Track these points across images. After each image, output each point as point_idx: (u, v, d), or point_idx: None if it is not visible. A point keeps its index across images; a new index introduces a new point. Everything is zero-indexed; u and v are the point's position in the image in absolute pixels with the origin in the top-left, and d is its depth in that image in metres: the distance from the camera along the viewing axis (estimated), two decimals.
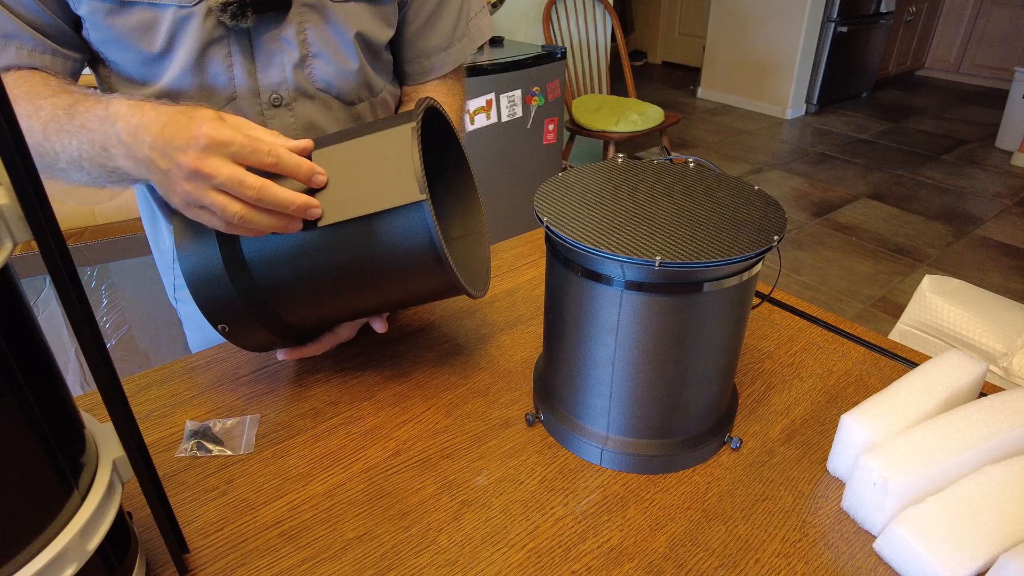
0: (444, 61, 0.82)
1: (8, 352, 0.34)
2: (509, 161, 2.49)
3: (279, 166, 0.53)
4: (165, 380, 0.70)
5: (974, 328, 1.31)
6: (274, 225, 0.54)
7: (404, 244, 0.56)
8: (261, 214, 0.53)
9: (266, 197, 0.52)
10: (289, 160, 0.53)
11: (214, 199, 0.52)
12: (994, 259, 2.82)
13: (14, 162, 0.31)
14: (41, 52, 0.62)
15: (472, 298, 0.64)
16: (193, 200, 0.52)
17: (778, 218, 0.54)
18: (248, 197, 0.52)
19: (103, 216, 1.47)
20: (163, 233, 0.87)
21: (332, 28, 0.70)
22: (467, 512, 0.54)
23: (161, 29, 0.63)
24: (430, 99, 0.60)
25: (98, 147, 0.56)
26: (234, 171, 0.51)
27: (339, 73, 0.73)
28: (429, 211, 0.54)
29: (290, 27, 0.68)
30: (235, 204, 0.52)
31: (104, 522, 0.40)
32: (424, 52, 0.81)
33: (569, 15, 3.09)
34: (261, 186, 0.52)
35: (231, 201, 0.52)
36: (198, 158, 0.51)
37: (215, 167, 0.51)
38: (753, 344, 0.77)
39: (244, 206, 0.52)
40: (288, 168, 0.53)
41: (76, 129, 0.56)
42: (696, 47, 5.66)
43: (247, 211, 0.52)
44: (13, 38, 0.61)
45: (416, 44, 0.80)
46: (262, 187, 0.52)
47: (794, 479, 0.58)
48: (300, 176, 0.54)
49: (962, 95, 5.33)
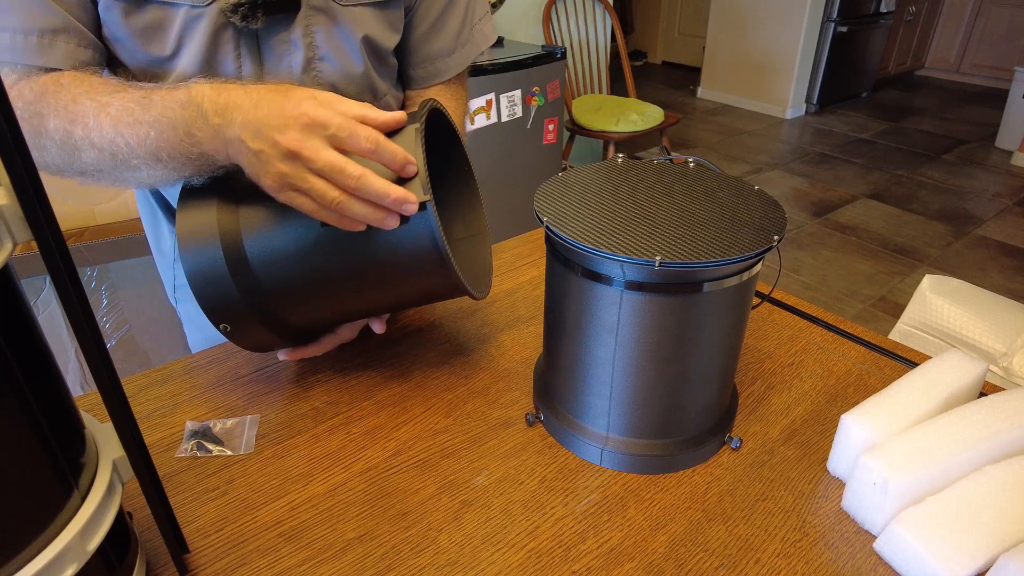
0: (448, 66, 0.82)
1: (8, 352, 0.34)
2: (509, 161, 2.49)
3: (376, 153, 0.52)
4: (165, 380, 0.70)
5: (974, 328, 1.31)
6: (370, 216, 0.53)
7: (407, 245, 0.56)
8: (358, 203, 0.52)
9: (365, 187, 0.51)
10: (387, 149, 0.52)
11: (313, 183, 0.51)
12: (994, 259, 2.82)
13: (14, 162, 0.31)
14: (85, 46, 0.61)
15: (474, 299, 0.64)
16: (289, 182, 0.52)
17: (778, 218, 0.54)
18: (347, 186, 0.51)
19: (103, 216, 1.47)
20: (164, 233, 0.87)
21: (339, 31, 0.70)
22: (467, 512, 0.54)
23: (172, 28, 0.63)
24: (433, 101, 0.60)
25: (181, 133, 0.54)
26: (334, 157, 0.50)
27: (344, 76, 0.73)
28: (433, 212, 0.54)
29: (298, 29, 0.68)
30: (333, 190, 0.51)
31: (104, 522, 0.40)
32: (429, 57, 0.81)
33: (569, 15, 3.09)
34: (361, 175, 0.51)
35: (329, 187, 0.51)
36: (297, 139, 0.50)
37: (314, 150, 0.50)
38: (753, 344, 0.77)
39: (341, 193, 0.51)
40: (385, 156, 0.52)
41: (153, 120, 0.55)
42: (696, 47, 5.66)
43: (344, 198, 0.51)
44: (60, 32, 0.60)
45: (421, 49, 0.80)
46: (361, 176, 0.51)
47: (794, 479, 0.58)
48: (395, 165, 0.53)
49: (962, 95, 5.33)
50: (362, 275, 0.58)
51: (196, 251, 0.57)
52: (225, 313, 0.59)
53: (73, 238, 1.42)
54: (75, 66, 0.61)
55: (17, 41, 0.58)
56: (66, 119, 0.57)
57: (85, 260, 1.45)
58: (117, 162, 0.57)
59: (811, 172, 3.77)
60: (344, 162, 0.51)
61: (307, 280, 0.58)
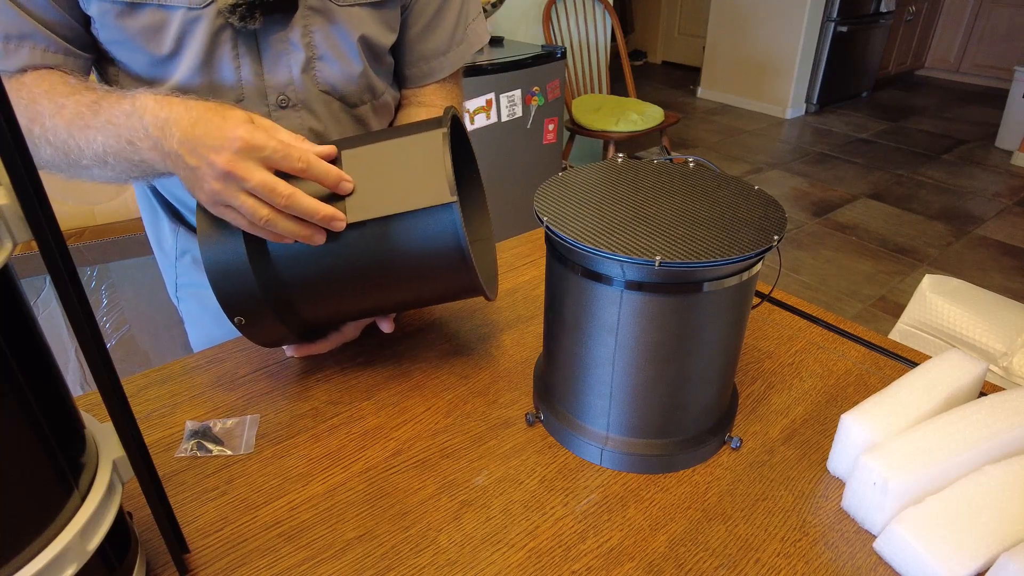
0: (443, 65, 0.83)
1: (8, 352, 0.34)
2: (509, 161, 2.49)
3: (308, 172, 0.54)
4: (165, 380, 0.70)
5: (974, 328, 1.31)
6: (298, 233, 0.56)
7: (431, 244, 0.57)
8: (287, 220, 0.55)
9: (294, 205, 0.53)
10: (319, 167, 0.55)
11: (243, 201, 0.53)
12: (994, 259, 2.82)
13: (14, 162, 0.31)
14: (54, 52, 0.63)
15: (487, 299, 0.66)
16: (221, 200, 0.54)
17: (778, 218, 0.54)
18: (277, 204, 0.53)
19: (103, 216, 1.47)
20: (164, 232, 0.87)
21: (336, 31, 0.71)
22: (467, 512, 0.54)
23: (170, 31, 0.64)
24: (453, 108, 0.62)
25: (124, 141, 0.56)
26: (266, 177, 0.53)
27: (343, 75, 0.73)
28: (458, 213, 0.55)
29: (296, 29, 0.68)
30: (263, 208, 0.53)
31: (104, 522, 0.40)
32: (424, 56, 0.81)
33: (569, 15, 3.09)
34: (290, 194, 0.53)
35: (259, 205, 0.53)
36: (231, 160, 0.52)
37: (247, 171, 0.52)
38: (753, 344, 0.77)
39: (271, 211, 0.54)
40: (317, 175, 0.55)
41: (101, 125, 0.57)
42: (696, 47, 5.66)
43: (274, 216, 0.54)
44: (27, 38, 0.61)
45: (416, 48, 0.81)
46: (291, 195, 0.53)
47: (794, 479, 0.58)
48: (328, 183, 0.56)
49: (962, 95, 5.33)
50: (383, 274, 0.59)
51: (217, 243, 0.58)
52: (242, 306, 0.60)
53: (73, 238, 1.42)
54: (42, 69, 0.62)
55: None
56: (27, 117, 0.59)
57: (85, 260, 1.45)
58: (70, 161, 0.60)
59: (811, 172, 3.77)
60: (275, 182, 0.53)
61: (327, 276, 0.59)
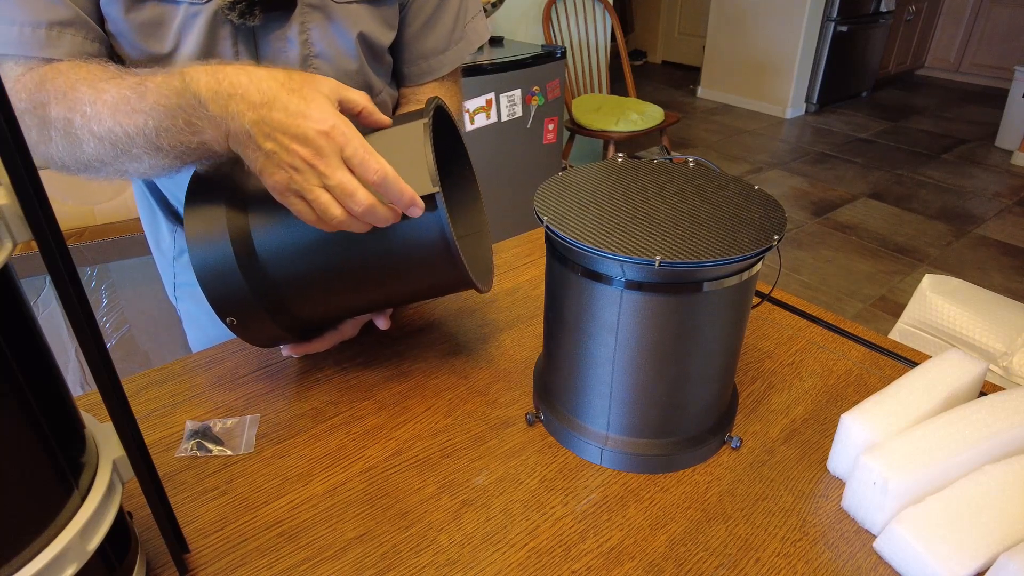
0: (442, 63, 0.83)
1: (8, 352, 0.34)
2: (509, 161, 2.49)
3: (382, 187, 0.52)
4: (165, 380, 0.70)
5: (974, 327, 1.31)
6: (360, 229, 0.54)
7: (416, 237, 0.57)
8: (356, 223, 0.53)
9: (368, 216, 0.52)
10: (395, 185, 0.52)
11: (318, 196, 0.51)
12: (994, 258, 2.82)
13: (14, 162, 0.31)
14: (93, 40, 0.62)
15: (479, 292, 0.65)
16: (296, 189, 0.51)
17: (778, 217, 0.54)
18: (352, 211, 0.51)
19: (103, 216, 1.47)
20: (163, 232, 0.87)
21: (335, 28, 0.71)
22: (467, 512, 0.54)
23: (171, 25, 0.64)
24: (439, 99, 0.61)
25: (181, 123, 0.52)
26: (347, 180, 0.50)
27: (340, 73, 0.73)
28: (442, 203, 0.55)
29: (294, 26, 0.68)
30: (337, 208, 0.51)
31: (104, 522, 0.40)
32: (422, 54, 0.81)
33: (569, 15, 3.09)
34: (370, 205, 0.51)
35: (334, 204, 0.51)
36: (315, 152, 0.49)
37: (330, 167, 0.50)
38: (753, 344, 0.77)
39: (344, 213, 0.52)
40: (391, 194, 0.52)
41: (150, 108, 0.53)
42: (696, 47, 5.66)
43: (347, 220, 0.52)
44: (69, 25, 0.60)
45: (414, 46, 0.81)
46: (370, 207, 0.51)
47: (794, 479, 0.58)
48: (401, 205, 0.53)
49: (962, 94, 5.33)
50: (371, 269, 0.59)
51: (205, 244, 0.57)
52: (232, 306, 0.59)
53: (73, 238, 1.42)
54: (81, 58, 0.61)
55: (25, 34, 0.58)
56: (65, 107, 0.55)
57: (85, 260, 1.45)
58: (118, 152, 0.56)
59: (811, 172, 3.77)
60: (355, 187, 0.51)
61: (315, 274, 0.59)
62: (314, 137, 0.49)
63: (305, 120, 0.49)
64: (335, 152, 0.50)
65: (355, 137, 0.51)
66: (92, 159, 0.57)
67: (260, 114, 0.50)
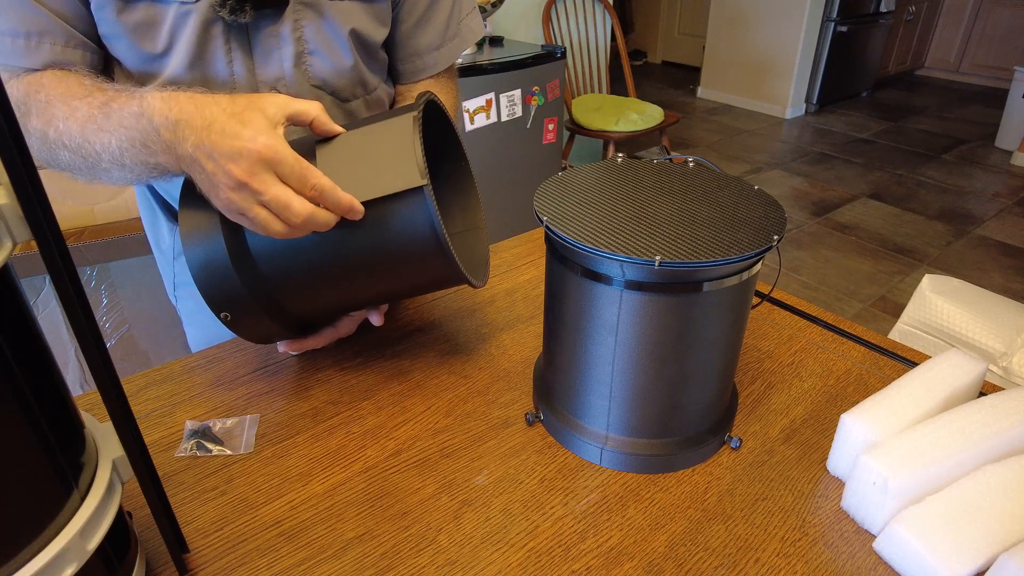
0: (436, 60, 0.83)
1: (8, 352, 0.34)
2: (509, 161, 2.49)
3: (320, 200, 0.53)
4: (165, 380, 0.70)
5: (974, 327, 1.31)
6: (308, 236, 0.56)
7: (406, 230, 0.57)
8: (301, 233, 0.55)
9: (309, 225, 0.53)
10: (332, 196, 0.53)
11: (258, 213, 0.52)
12: (994, 259, 2.82)
13: (14, 162, 0.31)
14: (73, 47, 0.62)
15: (473, 287, 0.64)
16: (236, 209, 0.53)
17: (778, 218, 0.54)
18: (292, 223, 0.53)
19: (103, 216, 1.47)
20: (163, 232, 0.87)
21: (327, 25, 0.71)
22: (467, 512, 0.54)
23: (163, 26, 0.64)
24: (430, 93, 0.61)
25: (138, 144, 0.55)
26: (281, 192, 0.52)
27: (334, 70, 0.74)
28: (430, 196, 0.55)
29: (287, 24, 0.68)
30: (276, 223, 0.53)
31: (104, 522, 0.40)
32: (417, 51, 0.82)
33: (569, 15, 3.09)
34: (307, 215, 0.52)
35: (273, 219, 0.53)
36: (248, 172, 0.51)
37: (263, 184, 0.51)
38: (753, 344, 0.77)
39: (286, 227, 0.53)
40: (329, 203, 0.54)
41: (114, 128, 0.56)
42: (696, 47, 5.66)
43: (288, 231, 0.54)
44: (46, 34, 0.61)
45: (408, 43, 0.81)
46: (308, 217, 0.53)
47: (794, 479, 0.58)
48: (340, 210, 0.55)
49: (962, 95, 5.33)
50: (363, 264, 0.59)
51: (199, 240, 0.58)
52: (226, 302, 0.60)
53: (73, 238, 1.42)
54: (63, 66, 0.62)
55: (5, 44, 0.60)
56: (43, 120, 0.58)
57: (85, 260, 1.45)
58: (89, 164, 0.58)
59: (811, 172, 3.77)
60: (290, 198, 0.52)
61: (308, 269, 0.59)
62: (245, 155, 0.50)
63: (237, 140, 0.51)
64: (266, 169, 0.51)
65: (288, 155, 0.52)
66: (68, 167, 0.60)
67: (201, 138, 0.51)
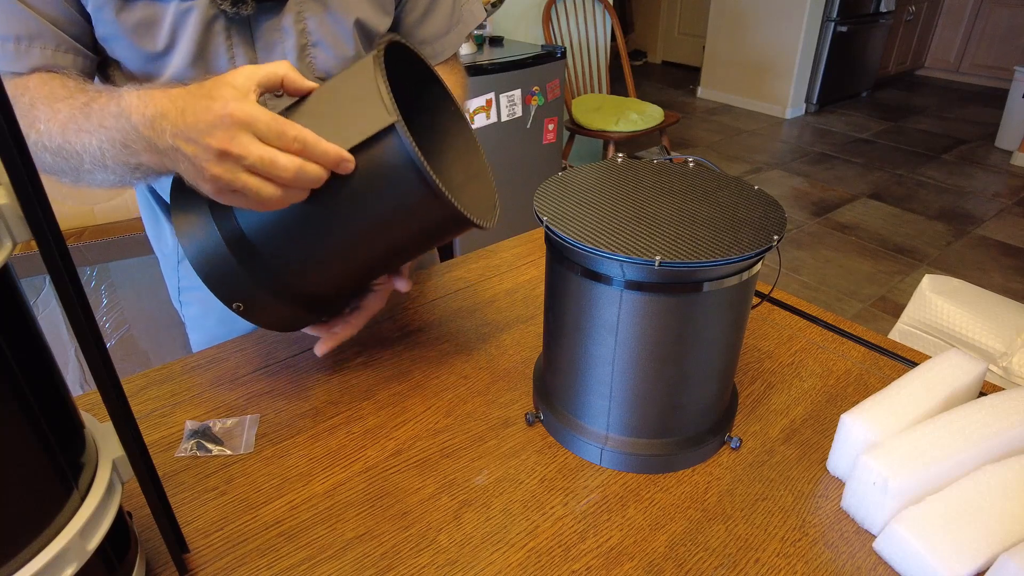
0: (444, 47, 0.84)
1: (8, 352, 0.34)
2: (509, 161, 2.49)
3: (305, 152, 0.50)
4: (165, 380, 0.70)
5: (974, 328, 1.31)
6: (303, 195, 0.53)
7: (391, 176, 0.52)
8: (297, 192, 0.52)
9: (303, 179, 0.50)
10: (317, 146, 0.50)
11: (246, 181, 0.50)
12: (994, 259, 2.82)
13: (14, 162, 0.31)
14: (64, 51, 0.62)
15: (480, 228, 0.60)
16: (225, 184, 0.50)
17: (778, 218, 0.54)
18: (283, 180, 0.50)
19: (103, 216, 1.47)
20: (166, 235, 0.87)
21: (331, 16, 0.71)
22: (467, 512, 0.54)
23: (163, 24, 0.64)
24: (394, 35, 0.58)
25: (119, 145, 0.54)
26: (264, 151, 0.49)
27: (339, 61, 0.74)
28: (403, 133, 0.50)
29: (289, 16, 0.68)
30: (269, 187, 0.50)
31: (104, 522, 0.40)
32: (425, 40, 0.83)
33: (569, 15, 3.09)
34: (297, 168, 0.49)
35: (264, 184, 0.50)
36: (226, 138, 0.49)
37: (243, 146, 0.49)
38: (753, 344, 0.77)
39: (279, 188, 0.50)
40: (315, 155, 0.51)
41: (94, 128, 0.55)
42: (696, 47, 5.66)
43: (283, 193, 0.51)
44: (37, 38, 0.60)
45: (416, 33, 0.82)
46: (298, 170, 0.50)
47: (794, 479, 0.58)
48: (328, 163, 0.51)
49: (962, 95, 5.33)
50: (360, 223, 0.56)
51: (193, 235, 0.57)
52: (233, 291, 0.58)
53: (73, 238, 1.42)
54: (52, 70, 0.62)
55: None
56: (26, 123, 0.58)
57: (85, 260, 1.45)
58: (71, 166, 0.57)
59: (811, 172, 3.77)
60: (274, 156, 0.49)
61: (305, 241, 0.57)
62: (219, 124, 0.49)
63: (209, 113, 0.49)
64: (243, 130, 0.49)
65: (262, 113, 0.49)
66: (52, 170, 0.59)
67: (177, 125, 0.50)
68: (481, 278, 0.90)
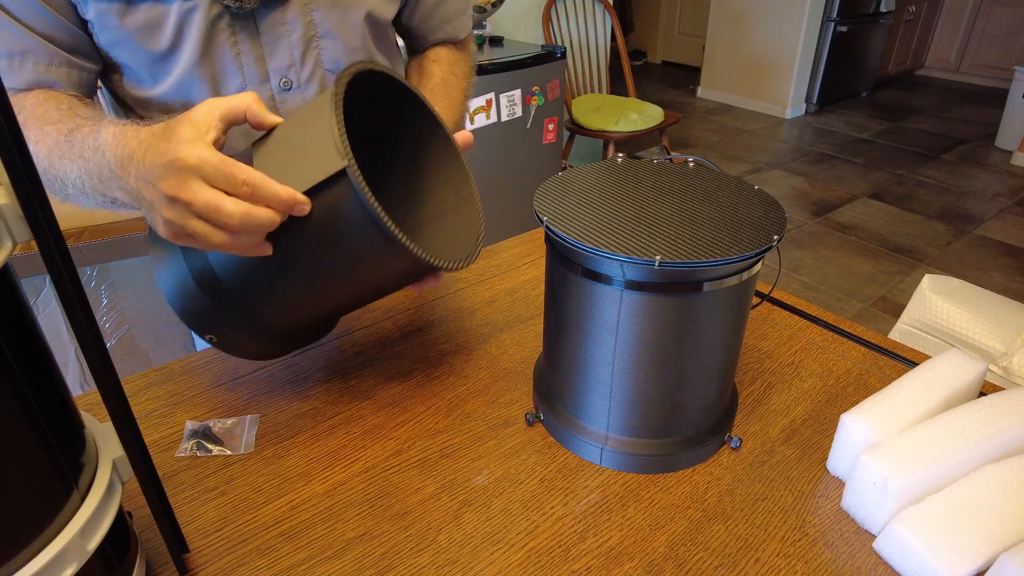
0: (464, 24, 0.86)
1: (8, 352, 0.34)
2: (509, 161, 2.49)
3: (254, 196, 0.48)
4: (165, 380, 0.70)
5: (974, 327, 1.31)
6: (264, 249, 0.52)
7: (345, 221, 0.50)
8: (248, 237, 0.50)
9: (249, 225, 0.48)
10: (266, 188, 0.48)
11: (195, 227, 0.48)
12: (994, 259, 2.82)
13: (14, 162, 0.31)
14: (58, 65, 0.62)
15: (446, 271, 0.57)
16: (178, 228, 0.49)
17: (778, 217, 0.54)
18: (229, 227, 0.48)
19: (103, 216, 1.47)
20: None
21: (338, 8, 0.71)
22: (467, 512, 0.54)
23: (168, 24, 0.64)
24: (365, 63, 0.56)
25: (95, 178, 0.54)
26: (211, 197, 0.47)
27: (346, 53, 0.74)
28: (355, 177, 0.47)
29: (295, 9, 0.68)
30: (217, 234, 0.48)
31: (104, 522, 0.40)
32: (446, 18, 0.84)
33: (569, 15, 3.09)
34: (243, 215, 0.47)
35: (212, 230, 0.48)
36: (176, 183, 0.47)
37: (191, 192, 0.47)
38: (753, 344, 0.77)
39: (226, 235, 0.49)
40: (266, 198, 0.48)
41: (76, 158, 0.55)
42: (696, 47, 5.66)
43: (231, 240, 0.49)
44: (29, 53, 0.60)
45: (436, 13, 0.83)
46: (244, 216, 0.47)
47: (794, 479, 0.58)
48: (280, 207, 0.49)
49: (962, 95, 5.33)
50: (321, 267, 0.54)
51: (165, 268, 0.58)
52: (205, 324, 0.59)
53: (73, 238, 1.42)
54: (48, 86, 0.62)
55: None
56: None
57: (85, 260, 1.45)
58: (56, 188, 0.58)
59: (811, 172, 3.77)
60: (221, 201, 0.47)
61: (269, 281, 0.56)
62: (169, 168, 0.48)
63: (162, 156, 0.48)
64: (192, 175, 0.47)
65: (211, 156, 0.47)
66: None
67: (140, 168, 0.50)
68: (481, 278, 0.90)
